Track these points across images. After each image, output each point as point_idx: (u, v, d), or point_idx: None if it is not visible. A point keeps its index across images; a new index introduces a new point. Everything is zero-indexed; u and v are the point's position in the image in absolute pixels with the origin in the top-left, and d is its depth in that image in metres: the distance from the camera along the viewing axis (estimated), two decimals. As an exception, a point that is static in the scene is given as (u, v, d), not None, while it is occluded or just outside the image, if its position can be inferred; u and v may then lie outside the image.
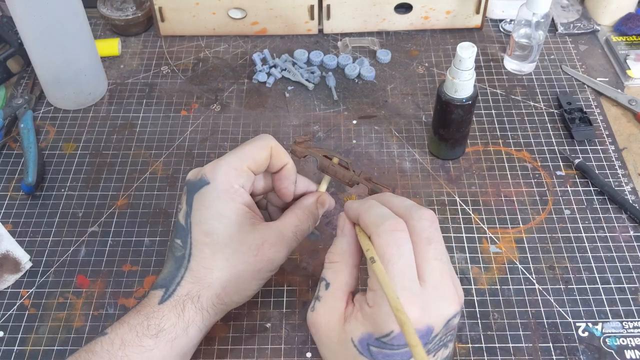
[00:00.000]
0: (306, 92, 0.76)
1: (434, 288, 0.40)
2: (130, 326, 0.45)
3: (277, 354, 0.53)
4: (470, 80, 0.60)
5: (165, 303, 0.46)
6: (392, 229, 0.40)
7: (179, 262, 0.48)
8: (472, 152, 0.69)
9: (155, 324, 0.45)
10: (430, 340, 0.40)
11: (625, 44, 0.81)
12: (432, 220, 0.42)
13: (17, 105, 0.72)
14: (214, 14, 0.81)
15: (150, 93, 0.77)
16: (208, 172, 0.48)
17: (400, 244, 0.40)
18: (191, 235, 0.48)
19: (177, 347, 0.46)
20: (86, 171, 0.68)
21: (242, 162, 0.49)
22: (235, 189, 0.48)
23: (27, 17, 0.65)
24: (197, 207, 0.48)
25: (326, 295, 0.43)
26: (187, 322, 0.46)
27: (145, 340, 0.45)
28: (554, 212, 0.63)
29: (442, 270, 0.41)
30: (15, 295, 0.58)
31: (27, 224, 0.63)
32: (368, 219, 0.42)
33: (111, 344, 0.44)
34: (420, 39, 0.83)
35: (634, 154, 0.69)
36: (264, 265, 0.48)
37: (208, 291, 0.47)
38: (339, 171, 0.53)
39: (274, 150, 0.51)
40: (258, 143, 0.50)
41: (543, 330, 0.54)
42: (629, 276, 0.58)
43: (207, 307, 0.47)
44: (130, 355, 0.44)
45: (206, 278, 0.47)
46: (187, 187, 0.49)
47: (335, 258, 0.45)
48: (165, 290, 0.47)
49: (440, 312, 0.40)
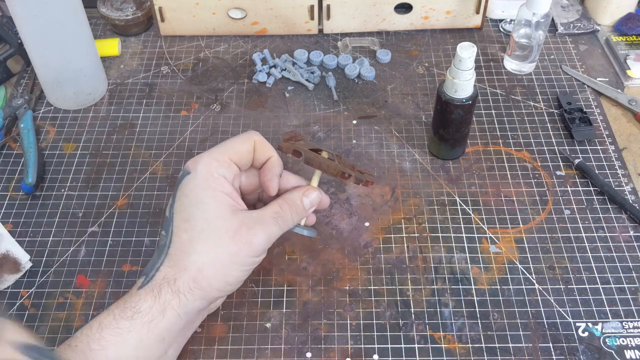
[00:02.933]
0: (306, 92, 0.76)
1: None
2: (108, 311, 0.46)
3: (277, 354, 0.53)
4: (470, 80, 0.60)
5: (144, 288, 0.47)
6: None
7: (160, 250, 0.49)
8: (472, 152, 0.69)
9: (131, 306, 0.46)
10: None
11: (625, 44, 0.81)
12: None
13: (17, 105, 0.72)
14: (214, 14, 0.81)
15: (150, 93, 0.77)
16: (190, 164, 0.50)
17: None
18: (173, 223, 0.49)
19: (154, 330, 0.46)
20: (86, 171, 0.68)
21: (223, 154, 0.51)
22: (215, 178, 0.49)
23: (27, 17, 0.65)
24: (179, 196, 0.50)
25: None
26: (163, 304, 0.46)
27: (121, 323, 0.45)
28: (554, 212, 0.63)
29: None
30: (15, 295, 0.58)
31: (27, 224, 0.63)
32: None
33: (90, 328, 0.46)
34: (420, 39, 0.83)
35: (634, 154, 0.69)
36: (240, 248, 0.48)
37: (184, 274, 0.47)
38: (323, 162, 0.53)
39: (257, 144, 0.52)
40: (242, 137, 0.52)
41: (543, 330, 0.54)
42: (629, 276, 0.58)
43: (183, 291, 0.47)
44: (107, 337, 0.45)
45: (182, 261, 0.48)
46: (176, 183, 0.51)
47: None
48: (146, 277, 0.48)
49: None
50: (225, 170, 0.50)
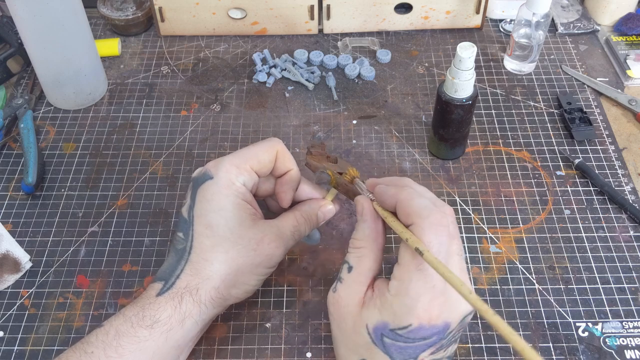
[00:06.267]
0: (306, 92, 0.76)
1: None
2: (125, 317, 0.46)
3: (277, 354, 0.53)
4: (470, 80, 0.60)
5: (164, 295, 0.47)
6: (437, 223, 0.41)
7: (179, 255, 0.48)
8: (472, 152, 0.69)
9: (150, 315, 0.46)
10: (445, 336, 0.40)
11: (625, 44, 0.81)
12: (453, 215, 0.43)
13: (17, 105, 0.72)
14: (214, 14, 0.81)
15: (150, 93, 0.77)
16: (211, 168, 0.50)
17: (441, 240, 0.40)
18: (193, 227, 0.48)
19: (172, 339, 0.46)
20: (86, 171, 0.68)
21: (245, 161, 0.50)
22: (236, 186, 0.49)
23: (27, 17, 0.65)
24: (199, 200, 0.49)
25: (348, 278, 0.44)
26: (183, 314, 0.46)
27: (139, 331, 0.45)
28: (554, 212, 0.63)
29: (461, 266, 0.41)
30: (15, 295, 0.58)
31: (27, 224, 0.63)
32: (410, 208, 0.42)
33: (106, 334, 0.45)
34: (420, 39, 0.83)
35: (634, 154, 0.69)
36: (262, 260, 0.49)
37: (207, 284, 0.47)
38: (350, 190, 0.52)
39: (279, 155, 0.52)
40: (264, 145, 0.51)
41: (543, 330, 0.54)
42: (629, 276, 0.58)
43: (205, 301, 0.47)
44: (124, 345, 0.44)
45: (205, 270, 0.47)
46: (193, 183, 0.50)
47: (359, 244, 0.45)
48: (165, 283, 0.47)
49: (458, 309, 0.40)
50: (246, 179, 0.50)
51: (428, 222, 0.41)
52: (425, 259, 0.39)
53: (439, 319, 0.39)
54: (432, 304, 0.39)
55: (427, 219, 0.41)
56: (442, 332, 0.40)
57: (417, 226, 0.41)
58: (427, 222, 0.41)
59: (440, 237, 0.40)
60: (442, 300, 0.39)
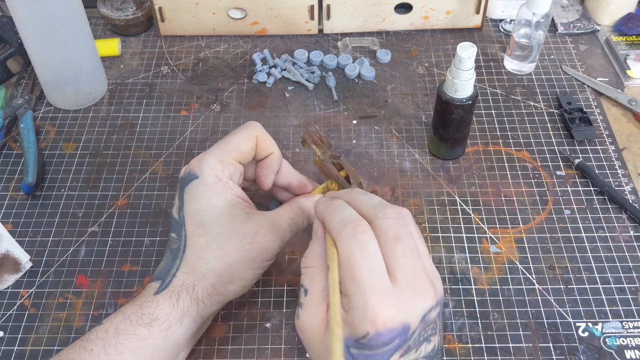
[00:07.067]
0: (306, 92, 0.76)
1: (407, 285, 0.39)
2: (124, 315, 0.46)
3: (277, 354, 0.53)
4: (470, 80, 0.60)
5: (161, 293, 0.47)
6: (353, 233, 0.40)
7: (174, 254, 0.49)
8: (472, 152, 0.69)
9: (149, 313, 0.46)
10: (408, 337, 0.39)
11: (625, 44, 0.81)
12: (398, 217, 0.41)
13: (17, 105, 0.72)
14: (214, 14, 0.81)
15: (150, 93, 0.77)
16: (195, 167, 0.49)
17: (363, 246, 0.40)
18: (185, 227, 0.48)
19: (171, 337, 0.46)
20: (86, 171, 0.68)
21: (227, 154, 0.50)
22: (223, 182, 0.49)
23: (27, 17, 0.65)
24: (188, 200, 0.49)
25: (306, 302, 0.43)
26: (181, 312, 0.47)
27: (138, 329, 0.45)
28: (554, 212, 0.63)
29: (413, 266, 0.40)
30: (15, 295, 0.58)
31: (27, 224, 0.63)
32: (331, 224, 0.42)
33: (105, 332, 0.45)
34: (420, 39, 0.83)
35: (634, 154, 0.69)
36: (258, 254, 0.48)
37: (203, 281, 0.47)
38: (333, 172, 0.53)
39: (259, 140, 0.52)
40: (244, 133, 0.51)
41: (543, 330, 0.54)
42: (629, 276, 0.58)
43: (202, 298, 0.47)
44: (124, 343, 0.45)
45: (201, 268, 0.47)
46: (180, 183, 0.50)
47: (309, 262, 0.44)
48: (162, 281, 0.48)
49: (415, 308, 0.39)
50: (232, 171, 0.50)
51: (344, 235, 0.40)
52: (328, 275, 0.40)
53: (395, 321, 0.38)
54: (382, 309, 0.38)
55: (343, 232, 0.40)
56: (404, 334, 0.39)
57: (337, 240, 0.41)
58: (343, 235, 0.40)
59: (361, 245, 0.40)
60: (392, 301, 0.38)
